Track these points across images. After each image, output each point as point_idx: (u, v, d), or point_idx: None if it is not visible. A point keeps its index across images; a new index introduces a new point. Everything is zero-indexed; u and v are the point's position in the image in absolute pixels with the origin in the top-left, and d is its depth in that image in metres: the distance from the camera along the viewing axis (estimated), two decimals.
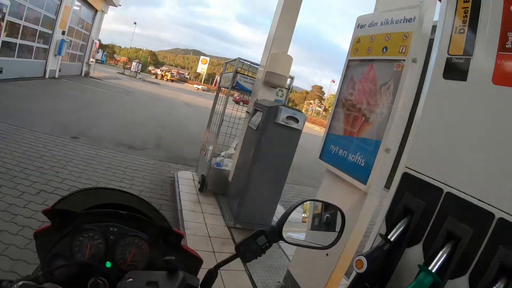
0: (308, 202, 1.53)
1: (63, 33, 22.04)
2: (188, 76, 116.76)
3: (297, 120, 6.02)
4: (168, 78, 78.96)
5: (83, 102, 16.56)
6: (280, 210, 7.22)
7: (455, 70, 1.92)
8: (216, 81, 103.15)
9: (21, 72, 17.80)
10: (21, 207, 5.14)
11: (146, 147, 11.07)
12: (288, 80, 7.45)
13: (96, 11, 29.23)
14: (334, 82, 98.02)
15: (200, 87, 78.47)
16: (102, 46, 45.99)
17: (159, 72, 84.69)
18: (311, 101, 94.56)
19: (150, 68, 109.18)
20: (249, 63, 7.77)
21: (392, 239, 1.91)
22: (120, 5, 32.83)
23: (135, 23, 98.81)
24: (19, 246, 4.15)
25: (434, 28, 2.87)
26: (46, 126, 10.18)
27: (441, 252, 1.69)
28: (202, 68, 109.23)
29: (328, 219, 1.56)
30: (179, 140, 13.57)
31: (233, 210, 6.60)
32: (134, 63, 66.76)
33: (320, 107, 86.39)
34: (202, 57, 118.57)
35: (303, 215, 1.54)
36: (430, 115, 2.08)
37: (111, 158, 8.81)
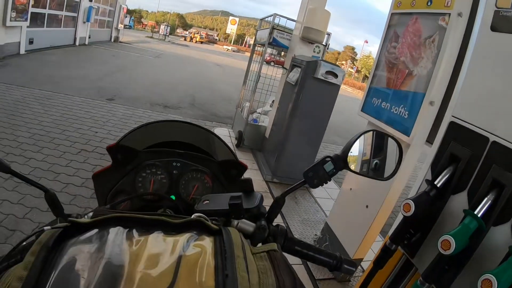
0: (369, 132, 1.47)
1: (90, 0, 22.01)
2: (217, 38, 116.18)
3: (336, 75, 5.88)
4: (197, 40, 78.81)
5: (115, 66, 16.63)
6: None
7: (503, 23, 1.87)
8: (245, 41, 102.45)
9: (51, 41, 17.95)
10: (63, 166, 5.32)
11: (181, 106, 11.10)
12: (325, 37, 7.26)
13: None
14: (367, 42, 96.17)
15: (230, 48, 77.93)
16: (129, 12, 45.91)
17: (187, 34, 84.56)
18: (343, 62, 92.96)
19: (178, 30, 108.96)
20: (285, 19, 7.58)
21: (438, 185, 1.92)
22: None
23: None
24: (64, 203, 4.16)
25: None
26: (81, 90, 10.33)
27: (485, 199, 1.70)
28: (231, 29, 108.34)
29: (377, 165, 1.50)
30: (212, 99, 13.53)
31: (270, 165, 6.62)
32: (162, 26, 66.62)
33: (352, 68, 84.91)
34: (231, 17, 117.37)
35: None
36: (477, 67, 2.03)
37: (148, 117, 8.92)
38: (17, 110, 7.40)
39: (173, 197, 1.51)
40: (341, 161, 1.27)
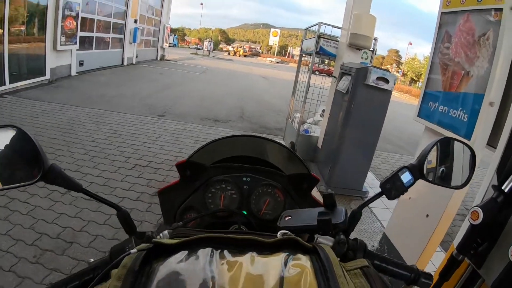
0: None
1: (135, 21, 22.67)
2: (260, 50, 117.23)
3: (387, 81, 5.74)
4: (241, 53, 79.41)
5: (163, 83, 16.95)
6: (370, 177, 7.07)
7: None
8: (289, 52, 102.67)
9: (100, 62, 18.58)
10: (118, 181, 5.43)
11: (230, 120, 11.16)
12: (372, 42, 7.14)
13: None
14: (411, 44, 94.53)
15: (273, 59, 78.19)
16: (172, 31, 46.96)
17: (231, 48, 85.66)
18: (388, 66, 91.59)
19: (221, 46, 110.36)
20: (331, 27, 7.51)
21: (506, 190, 1.77)
22: None
23: (201, 4, 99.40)
24: None
25: None
26: (132, 107, 10.60)
27: None
28: (274, 40, 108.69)
29: (443, 173, 1.42)
30: (260, 111, 13.55)
31: (324, 175, 6.49)
32: (205, 42, 67.76)
33: (398, 71, 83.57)
34: (272, 29, 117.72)
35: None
36: None
37: (199, 132, 9.00)
38: (72, 128, 7.63)
39: (244, 212, 1.49)
40: (417, 171, 1.20)
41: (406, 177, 1.18)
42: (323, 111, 7.85)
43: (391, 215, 4.36)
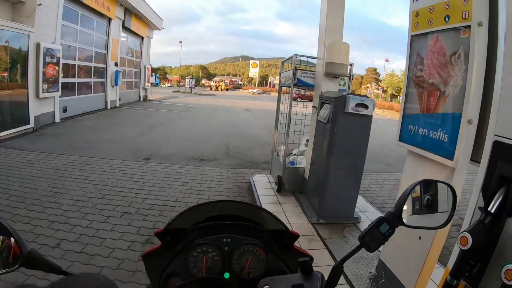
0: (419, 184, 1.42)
1: (116, 64, 22.98)
2: (242, 82, 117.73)
3: (366, 106, 5.83)
4: (223, 87, 79.64)
5: (147, 125, 17.03)
6: (361, 201, 7.10)
7: None
8: (269, 82, 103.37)
9: (84, 107, 18.76)
10: (108, 231, 5.38)
11: (216, 158, 11.15)
12: (348, 68, 7.25)
13: (142, 38, 30.35)
14: (387, 61, 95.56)
15: (255, 90, 78.57)
16: (153, 70, 47.12)
17: (212, 83, 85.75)
18: (368, 85, 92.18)
19: (203, 81, 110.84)
20: (306, 58, 7.62)
21: (492, 211, 1.81)
22: (163, 28, 34.03)
23: (180, 41, 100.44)
24: (112, 267, 4.34)
25: None
26: (118, 152, 10.62)
27: None
28: (254, 72, 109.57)
29: (429, 201, 1.46)
30: (246, 145, 13.58)
31: (314, 206, 6.48)
32: (187, 80, 68.05)
33: (378, 89, 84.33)
34: (251, 61, 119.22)
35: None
36: None
37: (185, 173, 8.96)
38: (58, 178, 7.62)
39: (227, 274, 1.50)
40: (396, 219, 1.23)
41: (384, 227, 1.21)
42: (307, 140, 7.89)
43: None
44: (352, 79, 7.81)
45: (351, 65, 7.44)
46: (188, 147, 12.35)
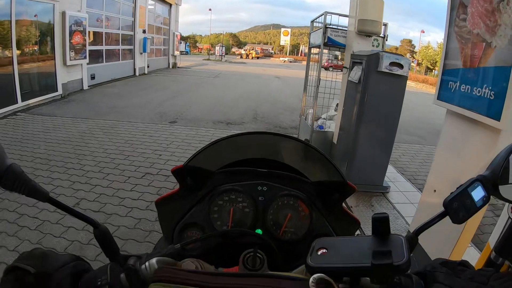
0: None
1: (144, 31, 22.82)
2: (273, 51, 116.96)
3: (401, 66, 5.45)
4: (253, 56, 79.25)
5: (175, 90, 16.93)
6: (391, 170, 6.82)
7: None
8: (301, 51, 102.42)
9: (112, 74, 18.78)
10: (128, 191, 5.34)
11: (244, 122, 11.03)
12: (382, 28, 6.87)
13: (170, 5, 29.90)
14: (423, 32, 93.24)
15: (286, 59, 77.95)
16: (183, 38, 46.96)
17: (243, 52, 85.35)
18: None
19: (233, 49, 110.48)
20: (338, 15, 7.24)
21: None
22: None
23: (210, 9, 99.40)
24: (128, 227, 4.32)
25: None
26: (144, 116, 10.57)
27: None
28: (285, 40, 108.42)
29: None
30: (275, 111, 13.35)
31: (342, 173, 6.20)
32: (217, 48, 67.71)
33: (412, 61, 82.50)
34: (282, 29, 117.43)
35: None
36: None
37: (211, 136, 8.87)
38: (83, 141, 7.61)
39: (259, 231, 1.20)
40: (490, 185, 0.86)
41: (478, 193, 0.86)
42: (337, 105, 7.60)
43: (416, 210, 4.10)
44: (386, 40, 7.40)
45: (385, 25, 7.05)
46: (215, 112, 12.23)
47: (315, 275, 0.65)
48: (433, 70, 66.35)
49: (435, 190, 3.63)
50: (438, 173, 3.71)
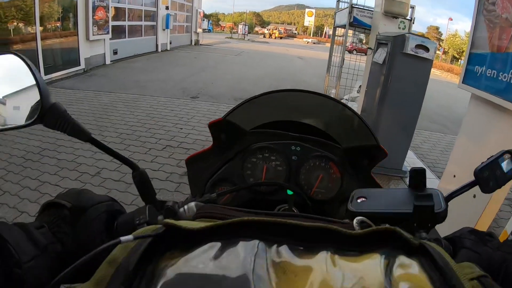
0: None
1: (167, 8, 22.78)
2: (296, 31, 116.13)
3: (427, 49, 5.36)
4: (276, 35, 78.76)
5: (197, 66, 16.90)
6: (411, 156, 6.75)
7: None
8: (325, 32, 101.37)
9: (134, 49, 18.82)
10: (148, 162, 5.42)
11: None
12: (410, 10, 6.74)
13: None
14: (451, 20, 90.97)
15: (309, 40, 77.42)
16: (206, 16, 46.85)
17: (266, 31, 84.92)
18: None
19: (256, 29, 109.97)
20: None
21: None
22: None
23: None
24: None
25: None
26: (166, 91, 10.60)
27: None
28: (309, 21, 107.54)
29: None
30: None
31: None
32: (240, 26, 67.34)
33: (438, 49, 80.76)
34: (307, 10, 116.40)
35: None
36: None
37: None
38: (105, 113, 7.68)
39: (290, 192, 1.11)
40: None
41: (508, 165, 0.90)
42: (360, 86, 7.51)
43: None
44: (413, 23, 7.26)
45: (412, 7, 6.92)
46: (237, 89, 12.21)
47: (358, 217, 0.66)
48: (459, 60, 64.76)
49: (454, 176, 3.60)
50: (458, 159, 3.68)
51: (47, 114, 0.75)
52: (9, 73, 0.79)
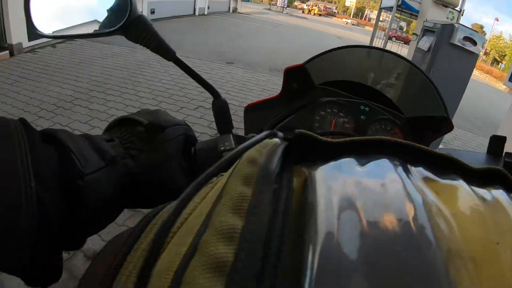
0: None
1: None
2: (336, 10, 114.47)
3: (475, 42, 5.20)
4: (316, 12, 77.49)
5: (234, 33, 16.81)
6: (442, 150, 6.50)
7: None
8: (365, 15, 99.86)
9: (172, 11, 18.74)
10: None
11: None
12: (460, 1, 6.48)
13: None
14: (497, 20, 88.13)
15: (349, 21, 75.92)
16: None
17: (305, 7, 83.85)
18: None
19: (296, 3, 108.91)
20: None
21: None
22: None
23: None
24: None
25: None
26: (201, 53, 10.53)
27: None
28: (351, 1, 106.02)
29: None
30: None
31: None
32: None
33: (480, 49, 78.37)
34: None
35: None
36: None
37: (266, 81, 8.82)
38: (139, 69, 7.71)
39: None
40: None
41: None
42: None
43: None
44: (462, 15, 6.99)
45: None
46: (272, 59, 12.02)
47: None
48: (500, 64, 62.84)
49: None
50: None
51: (132, 25, 0.72)
52: None
